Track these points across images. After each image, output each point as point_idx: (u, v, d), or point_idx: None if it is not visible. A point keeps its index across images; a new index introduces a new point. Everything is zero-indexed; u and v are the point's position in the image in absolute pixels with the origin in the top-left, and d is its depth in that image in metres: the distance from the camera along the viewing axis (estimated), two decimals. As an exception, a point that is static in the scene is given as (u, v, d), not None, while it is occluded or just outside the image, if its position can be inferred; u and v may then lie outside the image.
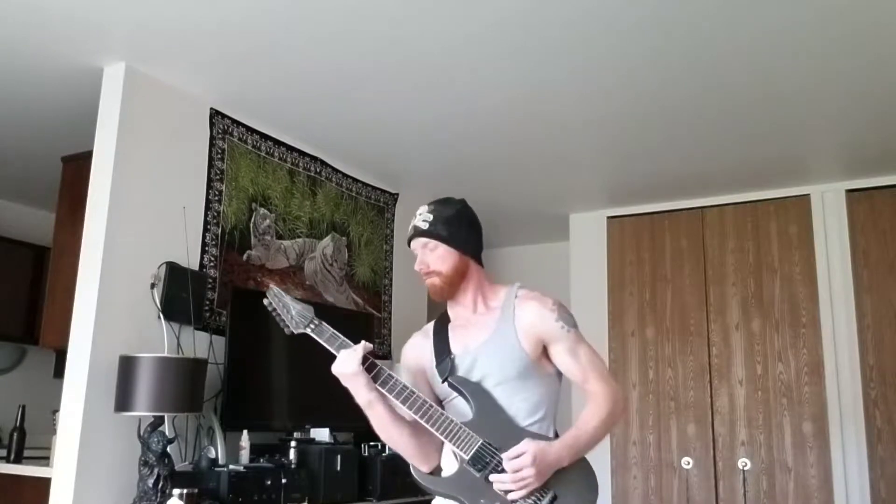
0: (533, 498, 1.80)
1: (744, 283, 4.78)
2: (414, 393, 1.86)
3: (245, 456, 3.30)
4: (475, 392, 1.90)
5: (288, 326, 1.94)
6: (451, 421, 1.84)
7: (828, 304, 4.53)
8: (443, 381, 1.95)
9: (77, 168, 3.65)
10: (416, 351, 2.10)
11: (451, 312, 2.09)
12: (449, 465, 1.92)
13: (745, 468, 4.55)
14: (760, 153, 4.22)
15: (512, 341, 1.93)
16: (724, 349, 4.76)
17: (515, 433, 1.85)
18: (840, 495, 4.28)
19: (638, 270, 5.14)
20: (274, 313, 1.95)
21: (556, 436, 1.93)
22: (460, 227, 2.02)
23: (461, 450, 1.82)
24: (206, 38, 3.06)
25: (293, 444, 3.46)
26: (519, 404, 1.90)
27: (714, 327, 4.82)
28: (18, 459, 3.74)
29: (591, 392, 1.93)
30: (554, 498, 1.81)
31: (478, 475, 1.81)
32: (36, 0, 2.79)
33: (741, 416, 4.62)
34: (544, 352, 1.96)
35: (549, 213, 5.44)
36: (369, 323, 4.45)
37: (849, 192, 4.60)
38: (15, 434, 3.84)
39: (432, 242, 1.99)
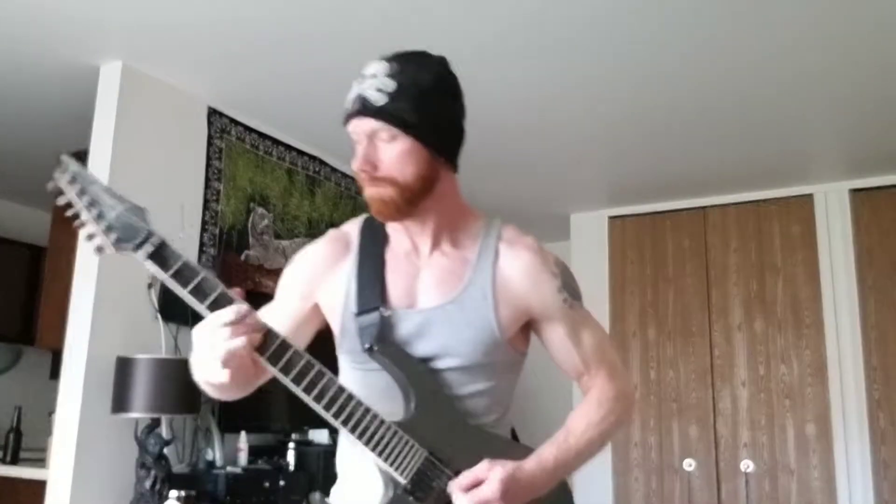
0: None
1: (746, 284, 4.76)
2: (324, 375, 1.21)
3: (243, 458, 3.29)
4: (416, 375, 1.27)
5: (99, 238, 1.18)
6: (386, 427, 1.22)
7: (831, 304, 4.51)
8: (366, 349, 1.28)
9: (74, 167, 3.62)
10: (319, 266, 1.39)
11: (393, 233, 1.39)
12: (360, 482, 1.32)
13: (748, 470, 4.52)
14: (763, 153, 4.20)
15: (485, 310, 1.30)
16: (727, 350, 4.73)
17: (471, 439, 1.29)
18: (843, 498, 4.26)
19: (639, 270, 5.12)
20: (69, 210, 1.21)
21: (514, 436, 1.41)
22: (440, 106, 1.30)
23: (398, 470, 1.23)
24: (204, 36, 3.04)
25: (291, 445, 3.45)
26: (471, 400, 1.31)
27: (716, 328, 4.79)
28: (14, 461, 3.74)
29: (594, 387, 1.37)
30: None
31: None
32: (31, -3, 2.77)
33: (744, 417, 4.60)
34: (522, 327, 1.36)
35: (549, 213, 5.42)
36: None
37: (852, 191, 4.58)
38: (11, 436, 3.84)
39: (389, 129, 1.25)
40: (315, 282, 1.39)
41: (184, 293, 1.17)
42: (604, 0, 2.73)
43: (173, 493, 2.82)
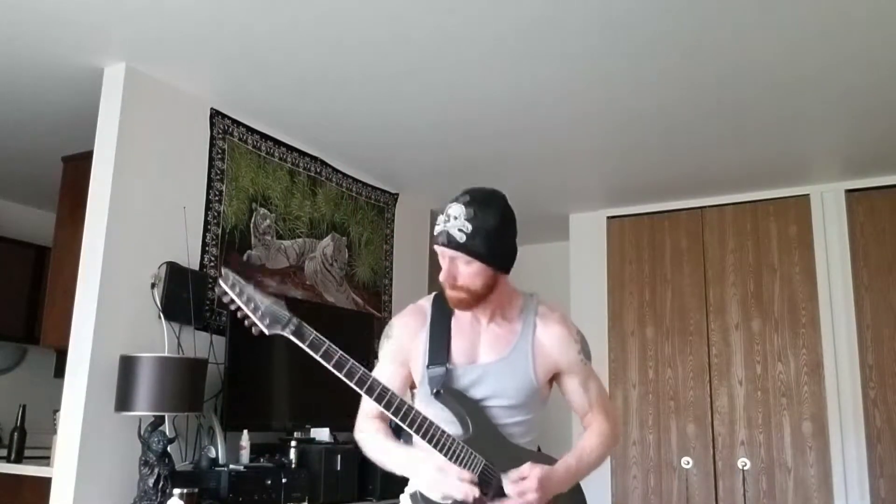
0: None
1: (743, 283, 4.79)
2: (420, 415, 1.74)
3: (245, 456, 3.31)
4: (472, 410, 1.80)
5: (256, 324, 1.69)
6: (456, 442, 1.73)
7: (827, 303, 4.54)
8: (433, 392, 1.80)
9: (78, 168, 3.65)
10: (408, 338, 1.91)
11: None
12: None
13: (745, 468, 4.55)
14: (760, 153, 4.22)
15: (527, 367, 1.84)
16: (724, 349, 4.76)
17: (512, 452, 1.80)
18: (839, 495, 4.29)
19: (637, 270, 5.14)
20: (232, 305, 1.71)
21: (539, 451, 1.91)
22: (501, 240, 1.80)
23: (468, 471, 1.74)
24: (207, 38, 3.07)
25: (293, 443, 3.48)
26: (513, 427, 1.84)
27: (714, 327, 4.82)
28: (19, 459, 3.75)
29: (595, 422, 1.92)
30: None
31: (481, 498, 1.73)
32: (37, 1, 2.79)
33: (741, 415, 4.63)
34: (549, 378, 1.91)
35: (549, 213, 5.45)
36: (369, 323, 4.46)
37: (848, 192, 4.61)
38: (15, 434, 3.84)
39: (466, 258, 1.76)
40: (405, 350, 1.90)
41: (316, 356, 1.69)
42: (602, 2, 2.76)
43: (176, 491, 2.84)
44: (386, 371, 1.90)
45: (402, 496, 1.92)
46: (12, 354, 5.12)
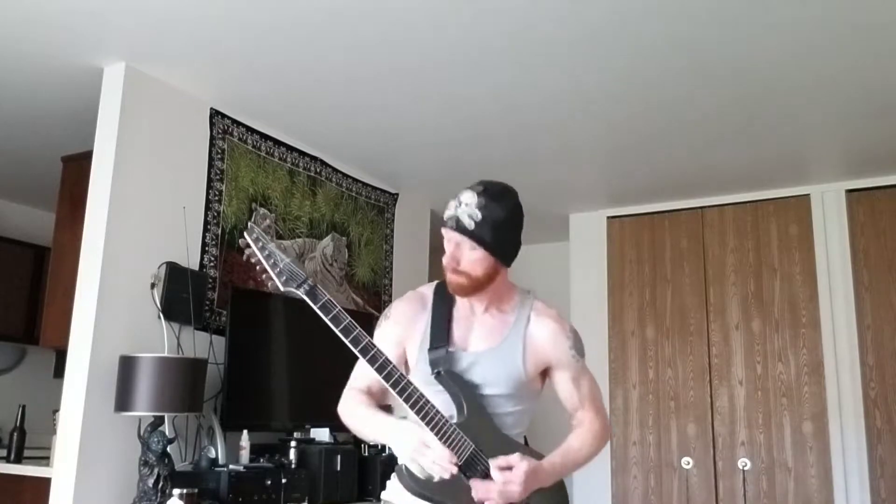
0: None
1: (744, 283, 4.78)
2: (417, 391, 1.73)
3: (245, 456, 3.30)
4: (468, 394, 1.81)
5: (273, 279, 1.73)
6: (449, 424, 1.73)
7: (828, 304, 4.53)
8: (434, 373, 1.81)
9: (77, 168, 3.65)
10: (407, 321, 1.94)
11: (458, 297, 1.93)
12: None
13: (745, 468, 4.55)
14: (760, 153, 4.22)
15: (517, 358, 1.85)
16: (724, 349, 4.76)
17: (503, 441, 1.81)
18: (840, 495, 4.29)
19: (638, 270, 5.14)
20: (254, 259, 1.75)
21: (526, 443, 1.92)
22: (508, 233, 1.82)
23: (457, 454, 1.72)
24: (207, 38, 3.06)
25: (293, 444, 3.47)
26: (504, 417, 1.84)
27: (714, 327, 4.82)
28: (18, 459, 3.74)
29: (585, 420, 1.91)
30: None
31: (466, 481, 1.74)
32: (36, 1, 2.79)
33: (741, 416, 4.63)
34: (541, 372, 1.91)
35: (549, 213, 5.44)
36: (369, 323, 4.44)
37: (849, 191, 4.61)
38: (15, 434, 3.84)
39: (472, 243, 1.78)
40: (404, 333, 1.92)
41: (326, 319, 1.71)
42: (603, 2, 2.76)
43: (176, 492, 2.83)
44: (382, 349, 1.85)
45: (383, 493, 1.94)
46: (12, 354, 5.12)
